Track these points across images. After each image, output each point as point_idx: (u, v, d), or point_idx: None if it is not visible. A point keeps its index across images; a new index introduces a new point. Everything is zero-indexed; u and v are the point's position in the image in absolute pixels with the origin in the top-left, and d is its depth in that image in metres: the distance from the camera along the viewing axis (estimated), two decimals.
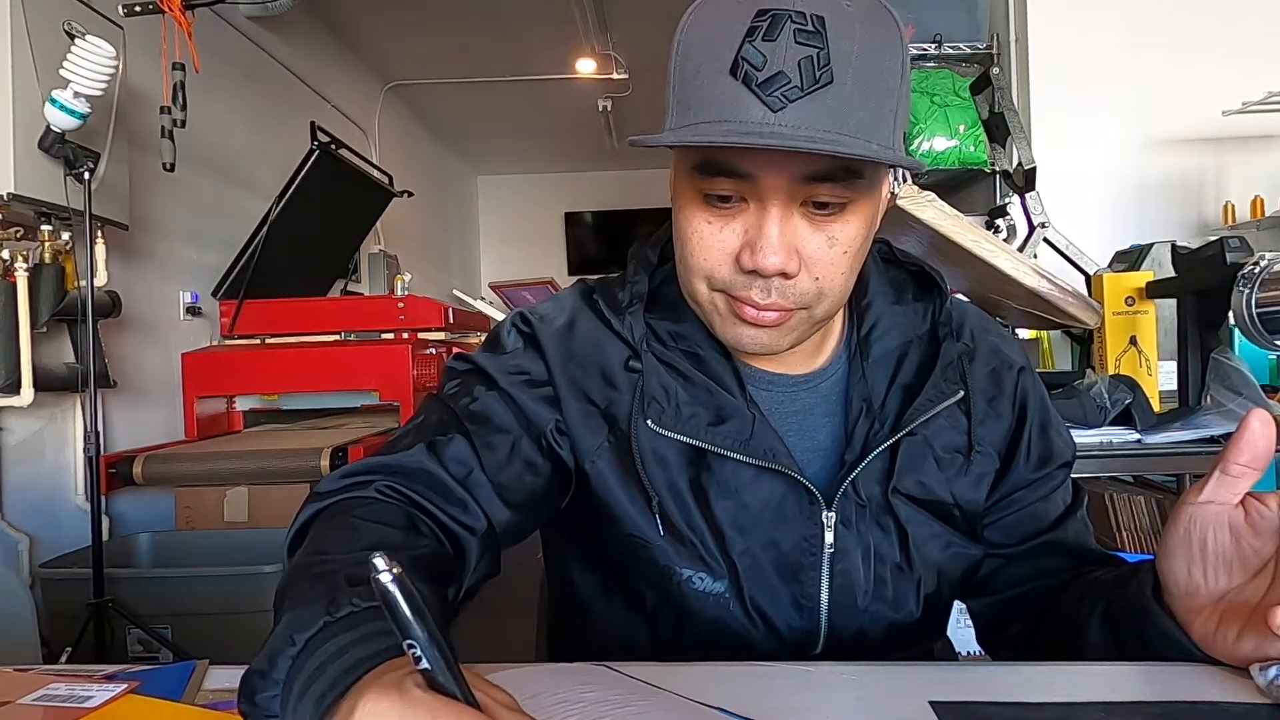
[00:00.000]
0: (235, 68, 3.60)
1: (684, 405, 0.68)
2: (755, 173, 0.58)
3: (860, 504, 0.69)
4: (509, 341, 0.73)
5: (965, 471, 0.71)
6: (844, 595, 0.70)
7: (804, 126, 0.55)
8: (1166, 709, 0.54)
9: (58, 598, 2.07)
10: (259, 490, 2.54)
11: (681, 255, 0.64)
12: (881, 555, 0.70)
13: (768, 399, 0.71)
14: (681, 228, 0.63)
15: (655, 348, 0.70)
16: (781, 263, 0.58)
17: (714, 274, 0.62)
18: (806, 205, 0.59)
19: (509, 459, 0.68)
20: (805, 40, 0.55)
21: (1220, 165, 2.67)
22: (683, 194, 0.63)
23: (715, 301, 0.64)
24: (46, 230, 2.11)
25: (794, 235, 0.59)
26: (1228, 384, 1.44)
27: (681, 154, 0.63)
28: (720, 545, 0.68)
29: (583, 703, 0.47)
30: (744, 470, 0.68)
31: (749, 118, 0.55)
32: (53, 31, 2.04)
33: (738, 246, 0.60)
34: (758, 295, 0.61)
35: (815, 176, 0.57)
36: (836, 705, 0.56)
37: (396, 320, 3.19)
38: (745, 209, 0.60)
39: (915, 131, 2.48)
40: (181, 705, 0.59)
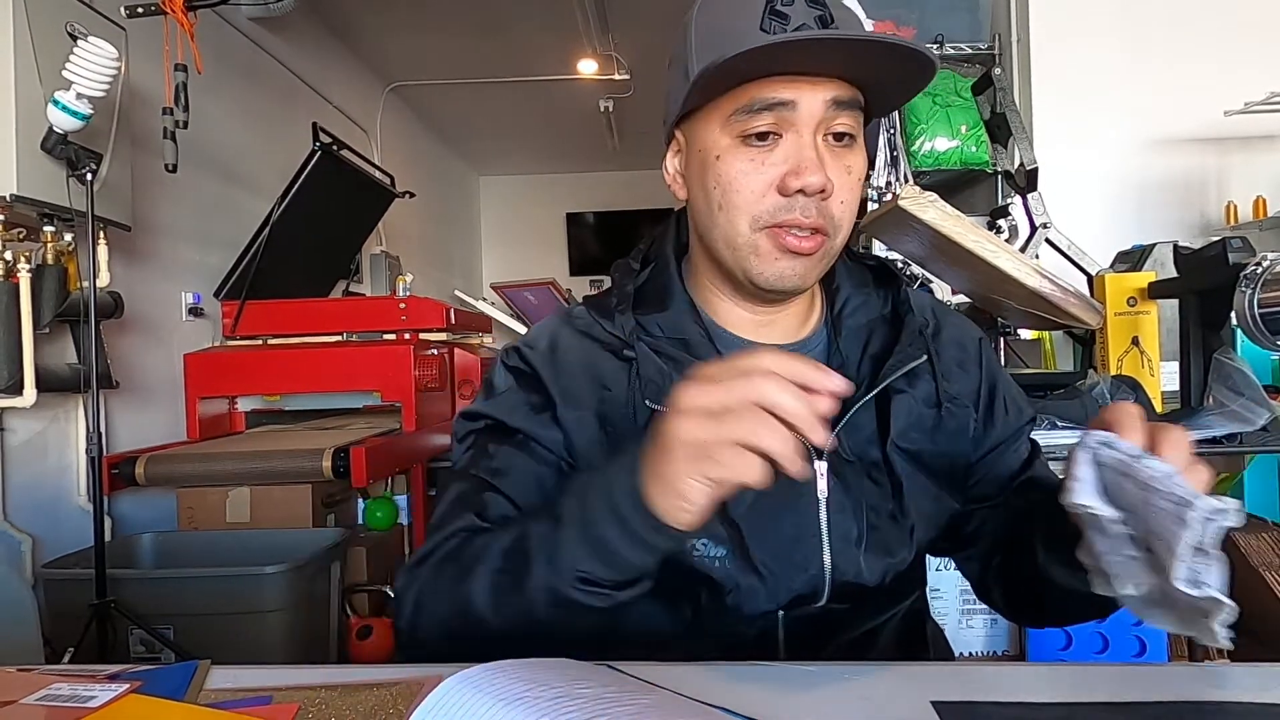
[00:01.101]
0: (237, 69, 3.61)
1: (677, 382, 0.71)
2: (795, 99, 0.68)
3: (848, 459, 0.76)
4: (502, 383, 0.80)
5: (940, 426, 0.79)
6: (843, 543, 0.75)
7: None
8: (1168, 709, 0.54)
9: (60, 598, 2.07)
10: (261, 491, 2.54)
11: (725, 201, 0.72)
12: (875, 506, 0.76)
13: None
14: (725, 176, 0.71)
15: (645, 339, 0.77)
16: (823, 179, 0.68)
17: (759, 207, 0.70)
18: (828, 140, 0.70)
19: (541, 495, 0.74)
20: (814, 4, 0.68)
21: (1222, 165, 2.67)
22: (718, 147, 0.71)
23: (756, 243, 0.72)
24: (49, 231, 2.11)
25: (825, 160, 0.69)
26: (1230, 385, 1.44)
27: (715, 109, 0.71)
28: (721, 511, 0.71)
29: (581, 698, 0.47)
30: None
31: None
32: (55, 33, 2.05)
33: (779, 176, 0.69)
34: (802, 215, 0.69)
35: (840, 102, 0.69)
36: (838, 705, 0.56)
37: (398, 321, 3.19)
38: (780, 143, 0.70)
39: (917, 132, 2.48)
40: (184, 705, 0.59)
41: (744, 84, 0.68)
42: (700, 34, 0.71)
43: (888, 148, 2.43)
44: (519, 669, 0.50)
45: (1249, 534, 1.64)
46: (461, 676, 0.49)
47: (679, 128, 0.77)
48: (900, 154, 2.44)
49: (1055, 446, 1.42)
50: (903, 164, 2.43)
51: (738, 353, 0.75)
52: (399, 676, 0.63)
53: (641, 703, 0.49)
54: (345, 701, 0.59)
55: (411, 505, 3.19)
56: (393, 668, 0.66)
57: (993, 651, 1.66)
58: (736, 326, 0.80)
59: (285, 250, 3.23)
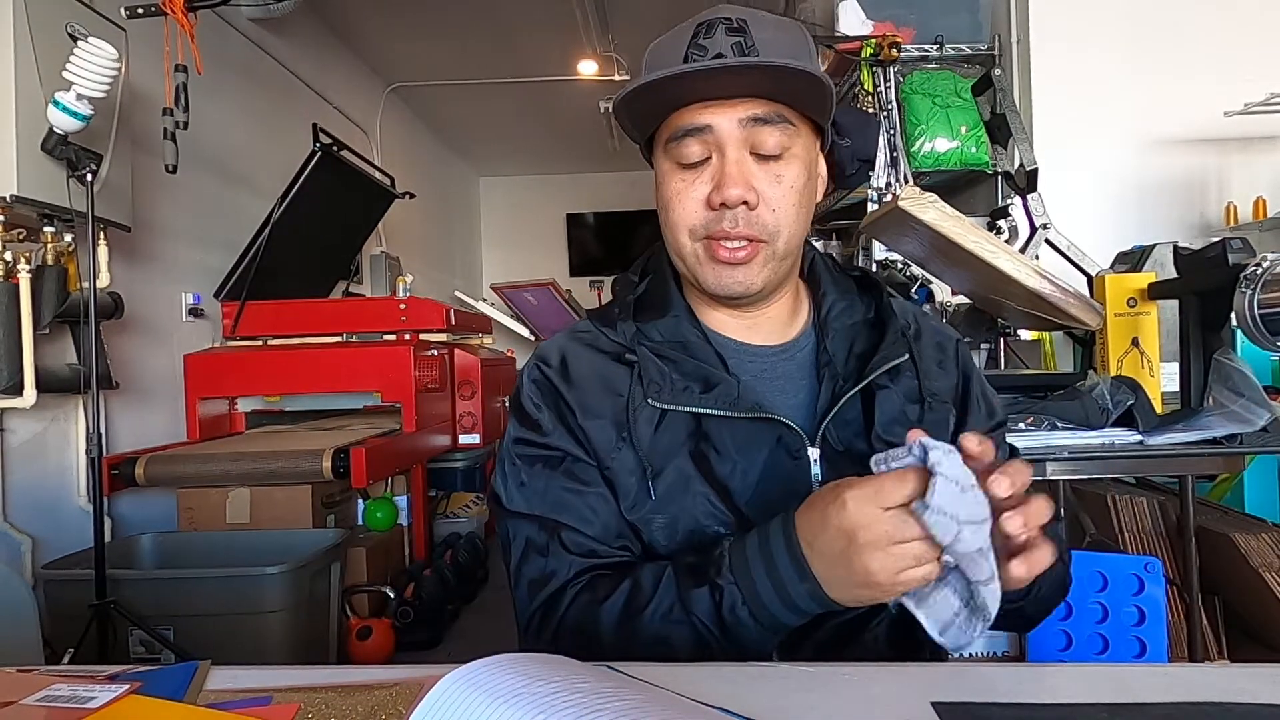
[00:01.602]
0: (237, 70, 3.61)
1: (677, 381, 0.80)
2: (711, 122, 0.75)
3: (838, 450, 0.80)
4: (531, 404, 0.84)
5: (921, 420, 0.83)
6: None
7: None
8: (1168, 710, 0.54)
9: (60, 599, 2.07)
10: (261, 491, 2.55)
11: (666, 219, 0.81)
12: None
13: (751, 368, 0.84)
14: (664, 195, 0.80)
15: (646, 343, 0.83)
16: (741, 192, 0.75)
17: (693, 221, 0.78)
18: (757, 155, 0.76)
19: (605, 514, 0.79)
20: (733, 33, 0.75)
21: (1222, 166, 2.67)
22: (661, 172, 0.81)
23: (697, 252, 0.79)
24: (49, 232, 2.11)
25: (749, 174, 0.76)
26: (1230, 385, 1.43)
27: (659, 141, 0.80)
28: (727, 500, 0.78)
29: (578, 693, 0.47)
30: (737, 431, 0.79)
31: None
32: (55, 34, 2.05)
33: (708, 193, 0.77)
34: (727, 224, 0.76)
35: (757, 118, 0.75)
36: (838, 706, 0.56)
37: (398, 321, 3.19)
38: (708, 166, 0.77)
39: (917, 133, 2.48)
40: (184, 705, 0.59)
41: (673, 112, 0.77)
42: (646, 65, 0.79)
43: (888, 148, 2.43)
44: (516, 665, 0.50)
45: (1249, 535, 1.64)
46: (459, 675, 0.49)
47: (651, 155, 0.85)
48: (900, 155, 2.44)
49: (1056, 447, 1.42)
50: (903, 165, 2.43)
51: (733, 353, 0.84)
52: (398, 677, 0.63)
53: (638, 699, 0.49)
54: (345, 702, 0.59)
55: (411, 506, 3.19)
56: (392, 668, 0.66)
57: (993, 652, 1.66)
58: (727, 329, 0.85)
59: (285, 251, 3.23)
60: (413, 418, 2.98)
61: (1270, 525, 1.71)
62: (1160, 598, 1.48)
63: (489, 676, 0.49)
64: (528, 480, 0.81)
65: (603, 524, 0.78)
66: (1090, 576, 1.51)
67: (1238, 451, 1.43)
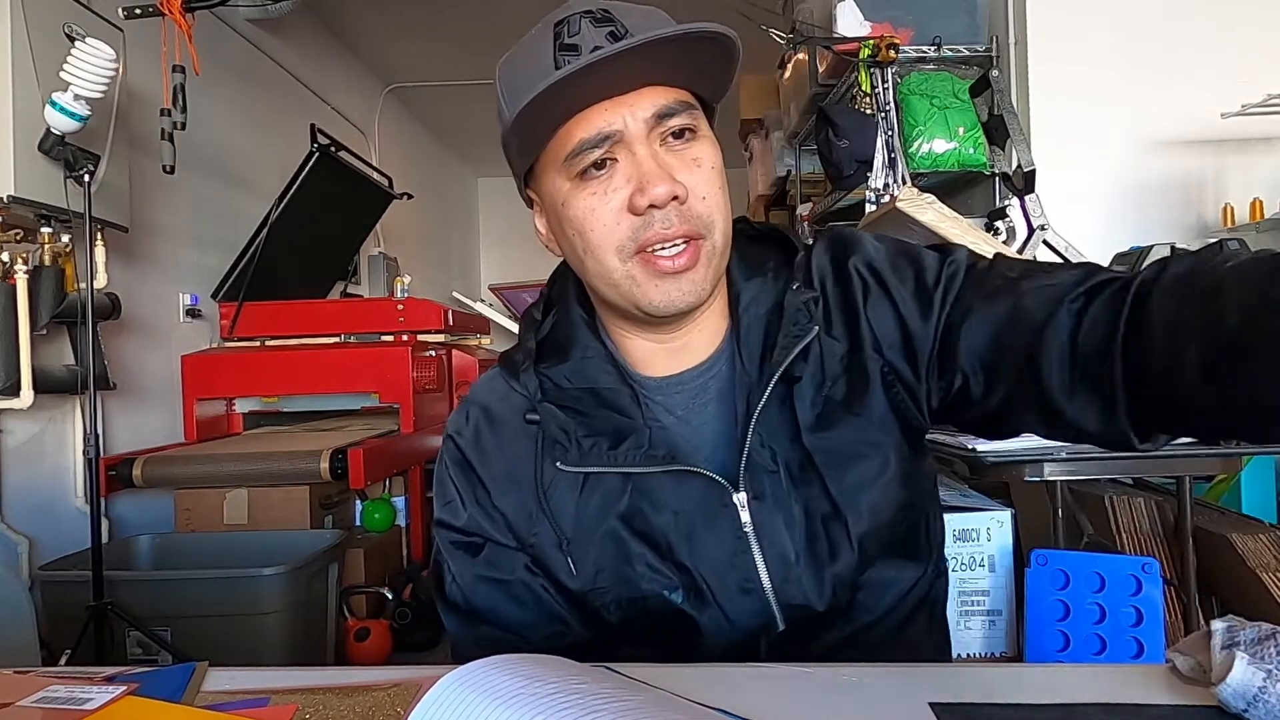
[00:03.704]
0: (235, 70, 3.61)
1: (584, 440, 0.72)
2: (618, 128, 0.66)
3: (772, 470, 0.72)
4: (447, 484, 0.78)
5: (855, 389, 0.73)
6: (779, 566, 0.71)
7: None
8: (1166, 711, 0.54)
9: (57, 600, 2.07)
10: (259, 492, 2.54)
11: (586, 244, 0.69)
12: (810, 511, 0.72)
13: (677, 402, 0.75)
14: (575, 219, 0.69)
15: (551, 394, 0.74)
16: (670, 186, 0.65)
17: (619, 238, 0.68)
18: (666, 142, 0.68)
19: (530, 604, 0.74)
20: (600, 23, 0.66)
21: (1219, 167, 2.67)
22: (561, 193, 0.69)
23: (632, 273, 0.68)
24: (46, 232, 2.11)
25: (667, 166, 0.67)
26: None
27: (548, 160, 0.70)
28: (669, 556, 0.72)
29: (577, 694, 0.47)
30: (665, 481, 0.72)
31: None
32: (53, 34, 2.04)
33: (627, 198, 0.67)
34: (661, 227, 0.66)
35: (662, 113, 0.67)
36: (836, 707, 0.56)
37: (396, 322, 3.19)
38: (617, 167, 0.67)
39: (915, 134, 2.48)
40: (181, 707, 0.59)
41: (564, 125, 0.66)
42: (506, 92, 0.69)
43: (886, 150, 2.43)
44: (514, 665, 0.50)
45: (1246, 535, 1.64)
46: (457, 675, 0.49)
47: (530, 188, 0.76)
48: (898, 156, 2.44)
49: (1053, 447, 1.42)
50: (900, 166, 2.43)
51: (654, 390, 0.75)
52: (397, 678, 0.63)
53: (636, 700, 0.49)
54: (343, 703, 0.59)
55: (409, 507, 3.19)
56: (390, 669, 0.66)
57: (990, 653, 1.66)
58: (648, 363, 0.76)
59: (283, 251, 3.23)
60: (411, 418, 2.97)
61: (1267, 526, 1.72)
62: (1158, 598, 1.48)
63: (487, 677, 0.49)
64: (453, 569, 0.76)
65: (528, 617, 0.74)
66: (1088, 577, 1.51)
67: (1235, 453, 1.43)
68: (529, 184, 0.75)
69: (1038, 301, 0.63)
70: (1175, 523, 1.71)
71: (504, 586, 0.74)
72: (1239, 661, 0.53)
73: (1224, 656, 0.54)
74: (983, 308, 0.68)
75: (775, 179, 3.85)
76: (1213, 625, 0.56)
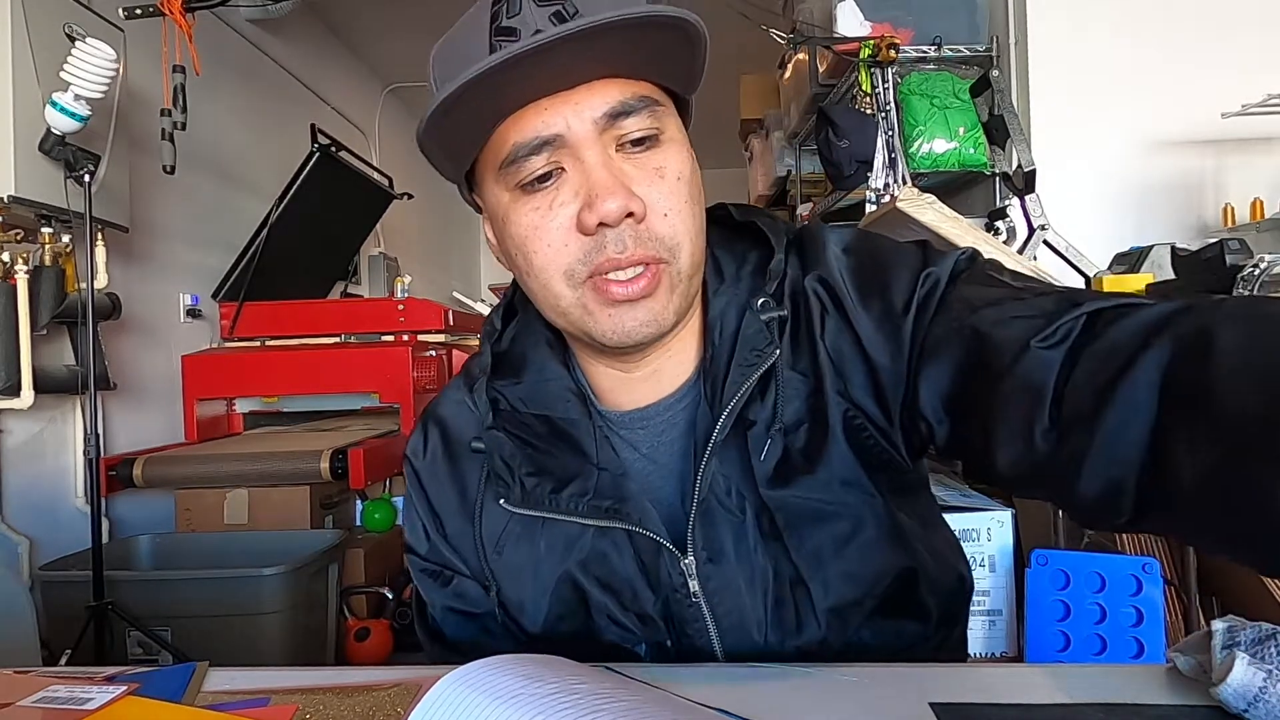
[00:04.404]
0: (235, 70, 3.61)
1: (527, 478, 0.64)
2: (560, 131, 0.55)
3: (737, 519, 0.62)
4: (411, 508, 0.73)
5: (819, 422, 0.62)
6: (737, 635, 0.63)
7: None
8: (1166, 711, 0.54)
9: (58, 600, 2.07)
10: (259, 492, 2.54)
11: (530, 267, 0.59)
12: (778, 572, 0.62)
13: (638, 439, 0.67)
14: (517, 237, 0.59)
15: (504, 416, 0.66)
16: (623, 201, 0.55)
17: (567, 261, 0.58)
18: (623, 149, 0.57)
19: (501, 637, 0.69)
20: (545, 2, 0.54)
21: (1219, 167, 2.67)
22: (502, 205, 0.59)
23: (584, 301, 0.59)
24: (47, 233, 2.11)
25: (622, 176, 0.56)
26: None
27: (487, 168, 0.60)
28: (634, 604, 0.65)
29: (577, 693, 0.47)
30: (616, 529, 0.64)
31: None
32: (53, 34, 2.04)
33: (575, 214, 0.56)
34: (614, 249, 0.56)
35: (616, 111, 0.56)
36: (836, 707, 0.56)
37: (396, 322, 3.19)
38: (565, 178, 0.57)
39: (915, 134, 2.48)
40: (181, 707, 0.59)
41: (499, 125, 0.56)
42: (435, 81, 0.60)
43: (886, 150, 2.43)
44: (514, 665, 0.50)
45: None
46: (457, 675, 0.49)
47: (474, 193, 0.65)
48: (898, 156, 2.44)
49: None
50: (901, 166, 2.43)
51: (617, 425, 0.66)
52: (397, 678, 0.63)
53: (637, 700, 0.49)
54: (343, 703, 0.59)
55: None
56: (390, 669, 0.66)
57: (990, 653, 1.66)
58: (615, 393, 0.67)
59: (283, 252, 3.23)
60: (411, 418, 2.97)
61: None
62: (1158, 599, 1.48)
63: (487, 677, 0.49)
64: (427, 597, 0.72)
65: (506, 649, 0.66)
66: (1088, 577, 1.51)
67: None
68: (472, 188, 0.65)
69: (1006, 337, 0.52)
70: None
71: (474, 620, 0.69)
72: (1239, 662, 0.53)
73: (1224, 657, 0.54)
74: (946, 342, 0.57)
75: (775, 179, 3.85)
76: (1213, 625, 0.56)
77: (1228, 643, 0.55)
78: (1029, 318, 0.51)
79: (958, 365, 0.56)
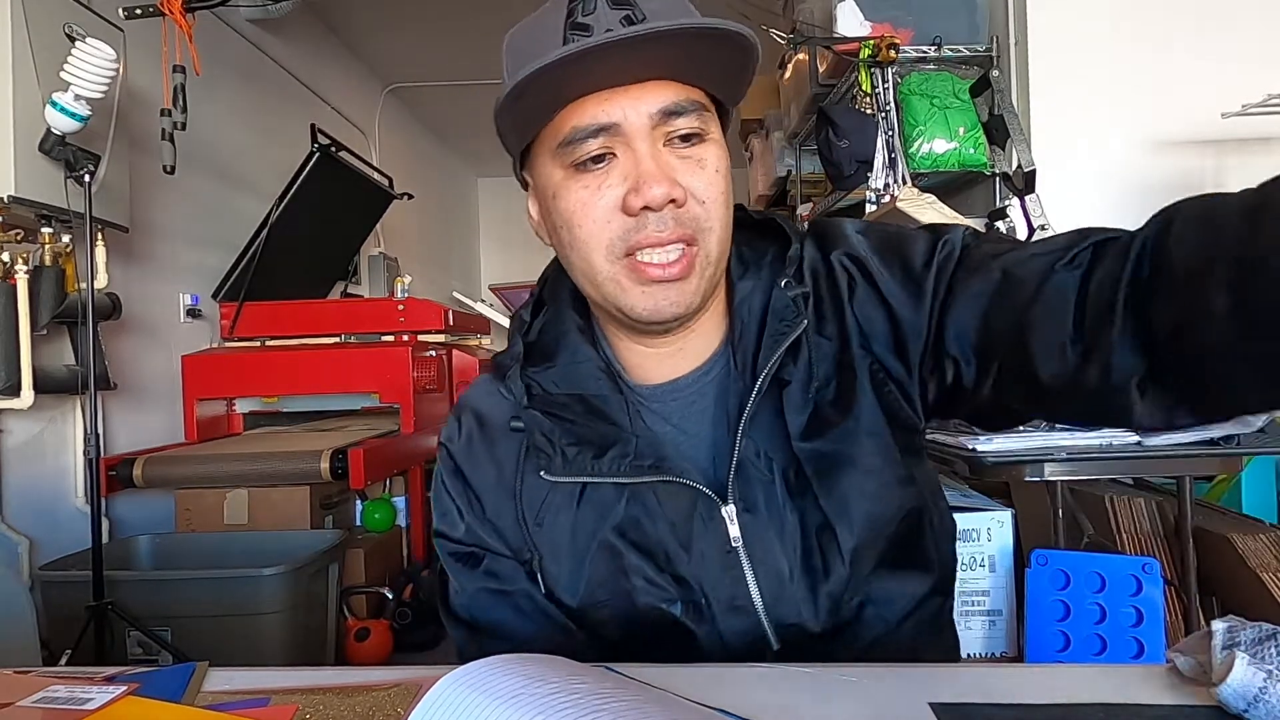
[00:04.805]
0: (235, 70, 3.61)
1: (568, 448, 0.69)
2: (618, 120, 0.62)
3: (766, 479, 0.69)
4: (442, 492, 0.76)
5: (845, 388, 0.69)
6: (771, 582, 0.69)
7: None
8: (1166, 712, 0.54)
9: (58, 600, 2.07)
10: (259, 492, 2.54)
11: (572, 240, 0.66)
12: (805, 523, 0.69)
13: (668, 411, 0.73)
14: (564, 211, 0.65)
15: (539, 400, 0.72)
16: (668, 189, 0.62)
17: (609, 236, 0.64)
18: (670, 144, 0.64)
19: (533, 615, 0.72)
20: (617, 6, 0.61)
21: (1219, 167, 2.67)
22: (553, 183, 0.66)
23: (618, 276, 0.65)
24: (47, 233, 2.11)
25: (668, 167, 0.63)
26: None
27: (544, 146, 0.66)
28: (667, 566, 0.69)
29: (577, 694, 0.47)
30: (658, 490, 0.69)
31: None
32: (53, 34, 2.04)
33: (621, 196, 0.63)
34: (655, 230, 0.63)
35: (670, 110, 0.63)
36: (836, 707, 0.56)
37: (396, 322, 3.19)
38: (615, 163, 0.64)
39: (915, 134, 2.48)
40: (181, 707, 0.59)
41: (563, 110, 0.63)
42: (509, 61, 0.65)
43: (886, 150, 2.43)
44: (514, 665, 0.50)
45: (1246, 535, 1.64)
46: (457, 675, 0.49)
47: (525, 170, 0.72)
48: (898, 156, 2.44)
49: (1053, 448, 1.42)
50: (901, 166, 2.43)
51: (647, 397, 0.72)
52: (397, 678, 0.63)
53: (637, 700, 0.49)
54: (343, 703, 0.59)
55: (409, 507, 3.19)
56: (390, 669, 0.66)
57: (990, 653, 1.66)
58: (643, 369, 0.73)
59: (283, 252, 3.23)
60: (411, 418, 2.97)
61: (1268, 526, 1.72)
62: (1158, 599, 1.48)
63: (487, 677, 0.49)
64: (456, 582, 0.75)
65: (531, 629, 0.71)
66: (1088, 577, 1.51)
67: (1235, 453, 1.43)
68: (524, 165, 0.71)
69: (1029, 271, 0.59)
70: (1176, 523, 1.71)
71: (506, 598, 0.72)
72: (1239, 662, 0.53)
73: (1224, 657, 0.54)
74: (970, 286, 0.64)
75: (775, 179, 3.85)
76: (1213, 625, 0.56)
77: (1228, 643, 0.55)
78: (1047, 253, 0.59)
79: (987, 302, 0.63)
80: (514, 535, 0.72)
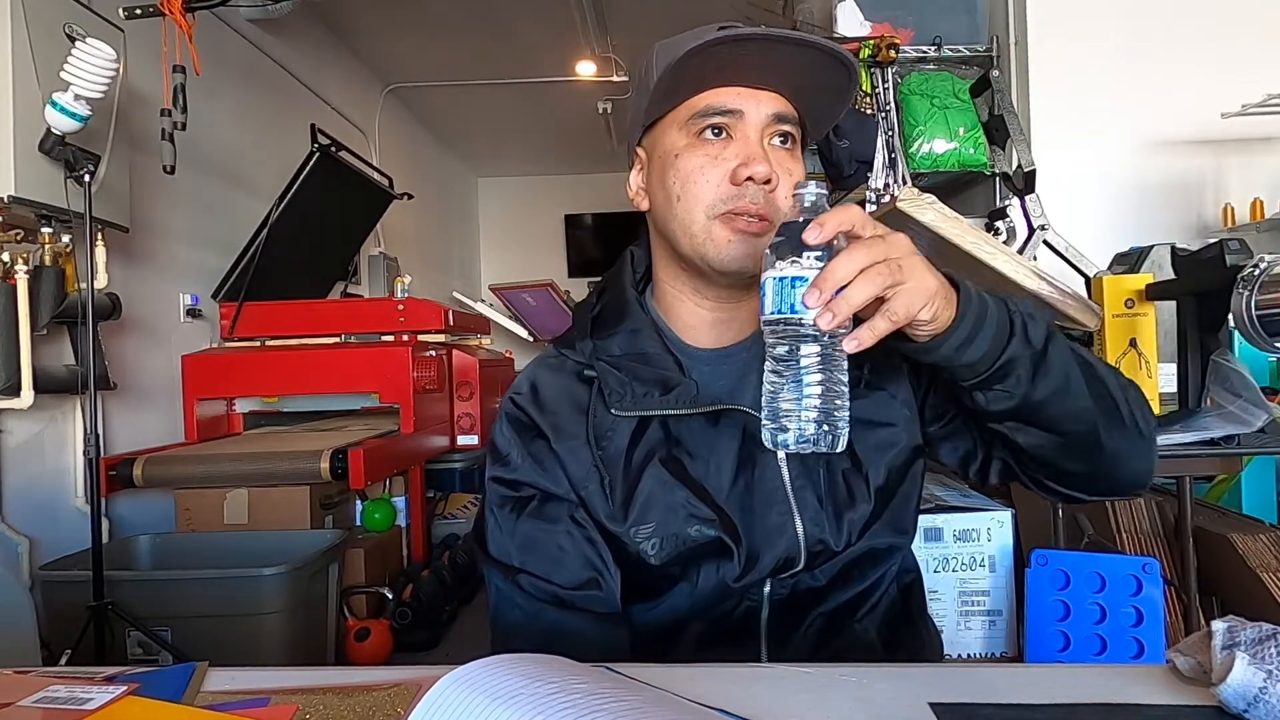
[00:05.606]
0: (236, 70, 3.61)
1: (637, 389, 0.81)
2: (743, 109, 0.78)
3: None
4: (503, 440, 0.84)
5: (887, 373, 0.83)
6: (809, 506, 0.80)
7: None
8: (1166, 712, 0.54)
9: (58, 600, 2.07)
10: (259, 492, 2.54)
11: (684, 194, 0.79)
12: (831, 465, 0.82)
13: (711, 371, 0.84)
14: (684, 169, 0.79)
15: (605, 358, 0.84)
16: (769, 170, 0.76)
17: (713, 196, 0.78)
18: (771, 143, 0.79)
19: (572, 552, 0.79)
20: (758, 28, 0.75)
21: (1219, 167, 2.67)
22: (677, 147, 0.80)
23: (711, 230, 0.78)
24: (47, 233, 2.11)
25: (771, 158, 0.78)
26: (1228, 386, 1.44)
27: (674, 118, 0.81)
28: (706, 499, 0.79)
29: (576, 693, 0.47)
30: (707, 431, 0.81)
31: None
32: (53, 34, 2.05)
33: (732, 168, 0.77)
34: (750, 202, 0.77)
35: (780, 116, 0.79)
36: (836, 707, 0.56)
37: (396, 322, 3.19)
38: (731, 143, 0.78)
39: (915, 134, 2.48)
40: (182, 707, 0.59)
41: (700, 92, 0.78)
42: (659, 56, 0.79)
43: (886, 150, 2.43)
44: (514, 665, 0.50)
45: (1246, 535, 1.64)
46: (457, 675, 0.49)
47: (641, 145, 0.86)
48: (898, 156, 2.44)
49: None
50: (901, 166, 2.43)
51: (696, 359, 0.84)
52: (397, 678, 0.63)
53: (636, 700, 0.49)
54: (343, 703, 0.59)
55: (409, 507, 3.19)
56: (390, 669, 0.66)
57: (991, 653, 1.66)
58: (696, 332, 0.85)
59: (283, 252, 3.23)
60: (411, 419, 2.97)
61: (1268, 526, 1.72)
62: (1158, 599, 1.48)
63: (487, 677, 0.49)
64: (500, 524, 0.81)
65: (569, 564, 0.78)
66: (1088, 577, 1.51)
67: (1235, 453, 1.43)
68: (642, 140, 0.85)
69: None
70: (1176, 523, 1.71)
71: (551, 534, 0.79)
72: (1239, 662, 0.53)
73: (1224, 657, 0.54)
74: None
75: None
76: (1213, 625, 0.57)
77: (1228, 643, 0.55)
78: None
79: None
80: (578, 463, 0.80)
